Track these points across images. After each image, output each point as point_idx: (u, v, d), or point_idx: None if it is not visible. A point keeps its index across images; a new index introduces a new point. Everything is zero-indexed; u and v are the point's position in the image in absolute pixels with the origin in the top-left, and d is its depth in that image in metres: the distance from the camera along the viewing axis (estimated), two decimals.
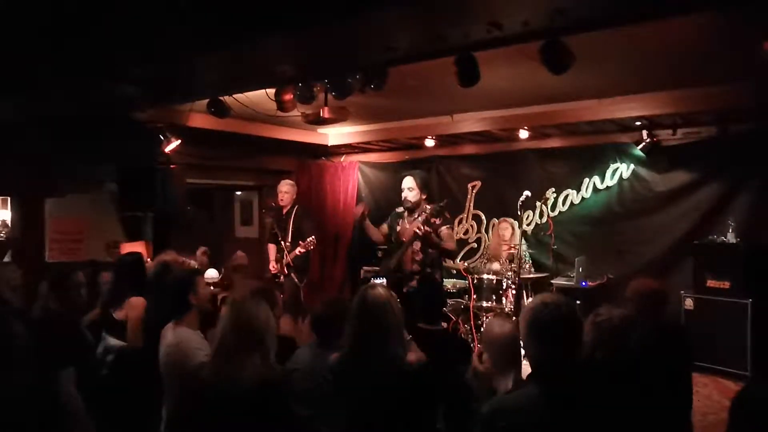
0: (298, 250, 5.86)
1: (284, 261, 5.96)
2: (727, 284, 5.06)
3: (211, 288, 4.61)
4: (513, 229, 6.20)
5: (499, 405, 1.88)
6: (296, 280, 6.01)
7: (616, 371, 2.54)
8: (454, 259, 6.64)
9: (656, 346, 2.97)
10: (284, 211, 6.16)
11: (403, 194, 4.77)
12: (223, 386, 2.35)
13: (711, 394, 4.65)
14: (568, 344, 1.90)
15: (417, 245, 4.62)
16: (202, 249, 5.65)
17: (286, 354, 2.89)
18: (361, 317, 2.57)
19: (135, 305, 3.55)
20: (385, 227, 5.01)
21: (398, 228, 4.82)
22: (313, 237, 5.90)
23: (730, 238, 5.20)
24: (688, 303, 5.27)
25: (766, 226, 5.23)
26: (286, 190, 6.17)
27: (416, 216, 4.64)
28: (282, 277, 6.04)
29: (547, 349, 1.87)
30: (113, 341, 3.44)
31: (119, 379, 3.32)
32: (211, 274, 5.77)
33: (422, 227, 4.43)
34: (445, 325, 4.82)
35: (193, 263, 4.91)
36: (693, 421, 3.08)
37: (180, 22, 2.95)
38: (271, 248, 6.30)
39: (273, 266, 6.14)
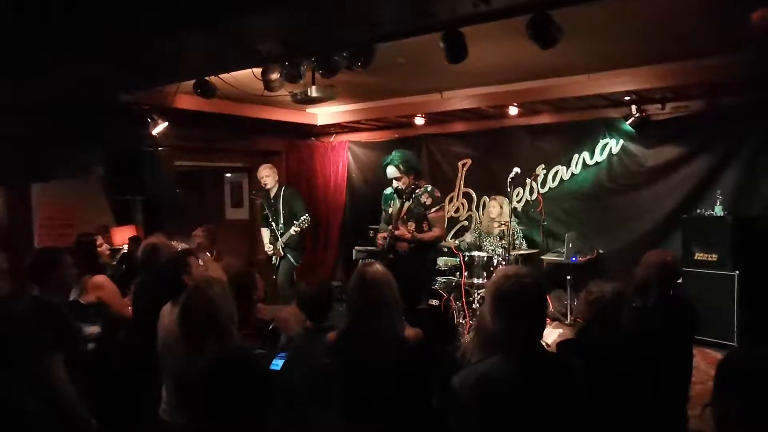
0: (293, 230, 5.89)
1: (279, 243, 6.01)
2: (714, 256, 5.11)
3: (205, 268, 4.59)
4: (501, 207, 6.22)
5: (475, 373, 1.82)
6: (293, 260, 6.06)
7: (611, 346, 2.57)
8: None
9: (665, 317, 3.01)
10: (272, 194, 6.20)
11: (393, 184, 4.72)
12: (184, 369, 2.37)
13: (698, 364, 4.69)
14: (531, 316, 1.84)
15: (411, 225, 4.62)
16: (201, 228, 5.52)
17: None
18: (362, 294, 2.55)
19: (102, 283, 3.54)
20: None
21: (390, 210, 4.82)
22: (306, 216, 5.93)
23: (718, 211, 5.24)
24: None
25: (753, 199, 5.28)
26: (266, 174, 6.20)
27: (404, 198, 4.62)
28: (278, 259, 6.09)
29: (510, 322, 1.81)
30: (89, 328, 3.41)
31: (114, 363, 3.33)
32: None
33: (392, 230, 4.53)
34: (435, 302, 4.85)
35: (183, 246, 4.88)
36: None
37: (162, 0, 2.89)
38: (265, 232, 6.33)
39: (268, 249, 6.18)
